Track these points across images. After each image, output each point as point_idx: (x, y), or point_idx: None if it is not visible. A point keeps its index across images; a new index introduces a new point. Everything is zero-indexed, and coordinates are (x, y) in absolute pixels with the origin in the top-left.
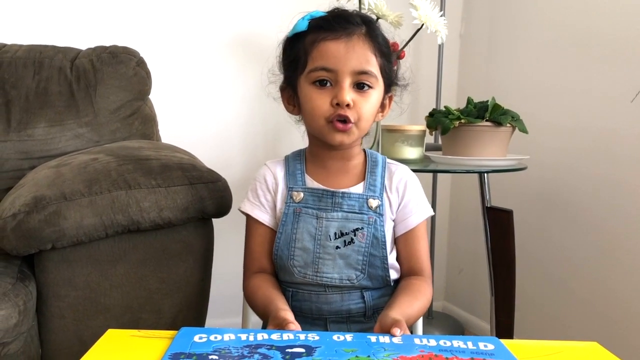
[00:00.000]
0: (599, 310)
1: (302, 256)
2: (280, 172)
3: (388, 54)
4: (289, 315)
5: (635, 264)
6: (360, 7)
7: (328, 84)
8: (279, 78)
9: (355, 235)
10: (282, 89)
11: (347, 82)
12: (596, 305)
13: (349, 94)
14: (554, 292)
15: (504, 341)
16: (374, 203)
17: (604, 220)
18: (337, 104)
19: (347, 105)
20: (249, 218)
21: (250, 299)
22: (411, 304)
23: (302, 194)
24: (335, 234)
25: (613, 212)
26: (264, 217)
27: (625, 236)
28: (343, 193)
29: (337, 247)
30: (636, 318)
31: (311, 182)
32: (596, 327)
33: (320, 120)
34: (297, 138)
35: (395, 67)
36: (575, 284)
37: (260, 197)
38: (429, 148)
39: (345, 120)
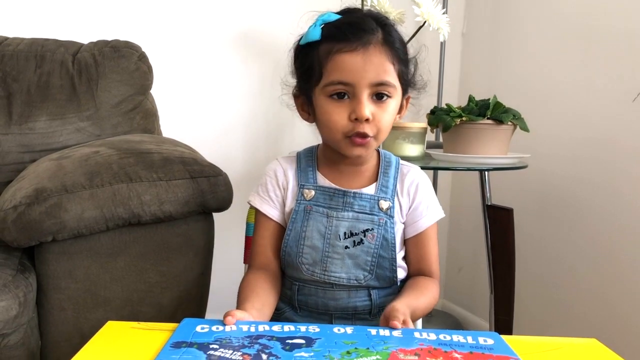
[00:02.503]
0: (598, 309)
1: (311, 254)
2: (291, 169)
3: (405, 59)
4: (237, 310)
5: (635, 262)
6: (362, 5)
7: (345, 97)
8: (292, 84)
9: (365, 236)
10: (296, 96)
11: (365, 95)
12: (596, 304)
13: (367, 108)
14: (553, 290)
15: (503, 336)
16: (385, 205)
17: (605, 218)
18: (356, 119)
19: (367, 120)
20: (257, 212)
21: (238, 293)
22: (417, 298)
23: (313, 192)
24: (345, 233)
25: (613, 210)
26: (273, 212)
27: (626, 234)
28: (354, 193)
29: (347, 247)
30: (635, 316)
31: (323, 180)
32: (595, 326)
33: (337, 135)
34: (300, 134)
35: (413, 69)
36: (574, 282)
37: (270, 192)
38: (430, 146)
39: (364, 135)
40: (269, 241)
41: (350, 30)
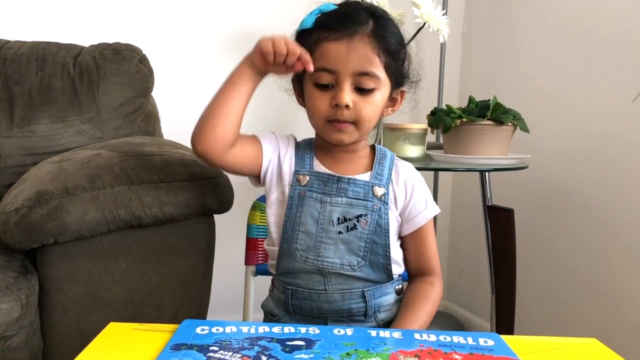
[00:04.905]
0: (600, 309)
1: (305, 240)
2: (293, 151)
3: (396, 51)
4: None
5: (636, 262)
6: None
7: (330, 86)
8: None
9: (358, 221)
10: (293, 82)
11: (347, 84)
12: (597, 304)
13: (348, 96)
14: (554, 291)
15: (503, 336)
16: (379, 191)
17: (605, 218)
18: (337, 105)
19: (347, 106)
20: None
21: (206, 108)
22: (418, 317)
23: (308, 177)
24: (338, 219)
25: (614, 211)
26: (266, 143)
27: (627, 234)
28: (349, 179)
29: (340, 232)
30: (637, 316)
31: (318, 167)
32: (597, 326)
33: (319, 120)
34: (300, 136)
35: (407, 62)
36: (576, 282)
37: (272, 140)
38: (431, 147)
39: (343, 122)
40: (246, 137)
41: (339, 20)
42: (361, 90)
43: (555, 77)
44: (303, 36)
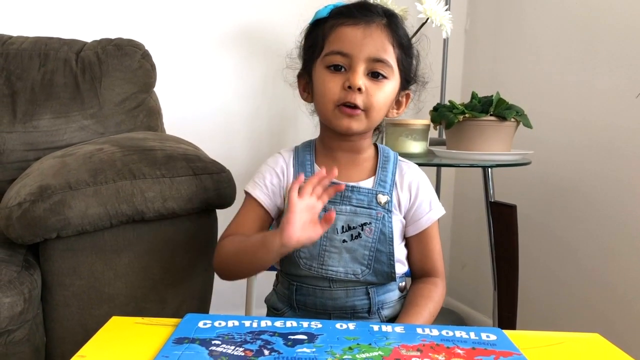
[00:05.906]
0: (601, 306)
1: (308, 248)
2: (292, 162)
3: (407, 48)
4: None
5: (639, 260)
6: None
7: (342, 69)
8: (296, 64)
9: (362, 230)
10: (299, 76)
11: (361, 68)
12: (599, 301)
13: (361, 79)
14: (556, 287)
15: (505, 331)
16: (383, 199)
17: (607, 215)
18: (349, 87)
19: (359, 89)
20: (248, 197)
21: (231, 249)
22: (420, 315)
23: None
24: (342, 227)
25: (616, 207)
26: (264, 198)
27: (628, 231)
28: (352, 187)
29: (344, 241)
30: (639, 314)
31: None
32: (600, 322)
33: (329, 105)
34: (302, 131)
35: (415, 63)
36: (578, 279)
37: (266, 180)
38: (433, 142)
39: (354, 106)
40: (252, 224)
41: (357, 8)
42: (374, 75)
43: (558, 73)
44: (316, 27)
